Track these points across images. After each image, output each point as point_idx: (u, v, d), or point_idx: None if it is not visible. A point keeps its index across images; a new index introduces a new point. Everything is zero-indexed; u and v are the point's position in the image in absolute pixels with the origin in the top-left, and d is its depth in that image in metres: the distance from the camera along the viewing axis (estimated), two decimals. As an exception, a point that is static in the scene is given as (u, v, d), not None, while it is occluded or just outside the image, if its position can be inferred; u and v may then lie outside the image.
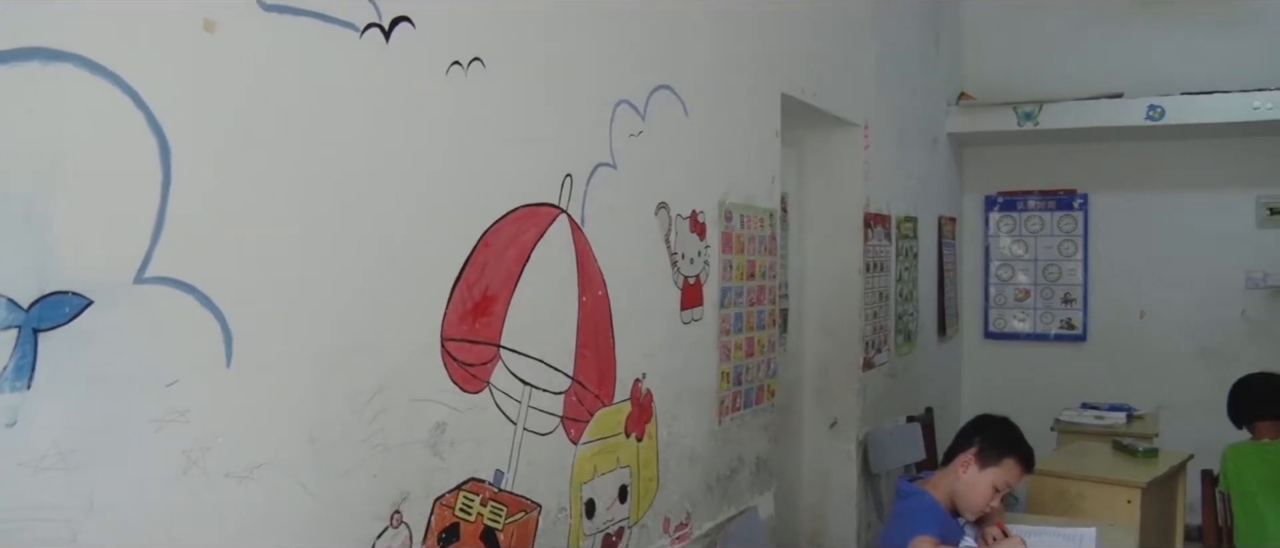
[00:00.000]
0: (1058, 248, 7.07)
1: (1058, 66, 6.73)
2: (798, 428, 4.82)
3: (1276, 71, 6.20)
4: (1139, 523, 4.17)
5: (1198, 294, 6.74)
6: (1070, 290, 7.06)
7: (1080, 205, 7.02)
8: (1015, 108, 6.40)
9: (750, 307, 3.63)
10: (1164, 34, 6.61)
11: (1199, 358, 6.71)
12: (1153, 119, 6.17)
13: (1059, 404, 6.08)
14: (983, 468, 3.16)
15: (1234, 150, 6.67)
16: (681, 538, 3.18)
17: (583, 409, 2.64)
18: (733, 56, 3.49)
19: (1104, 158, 6.94)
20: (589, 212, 2.62)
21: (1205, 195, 6.78)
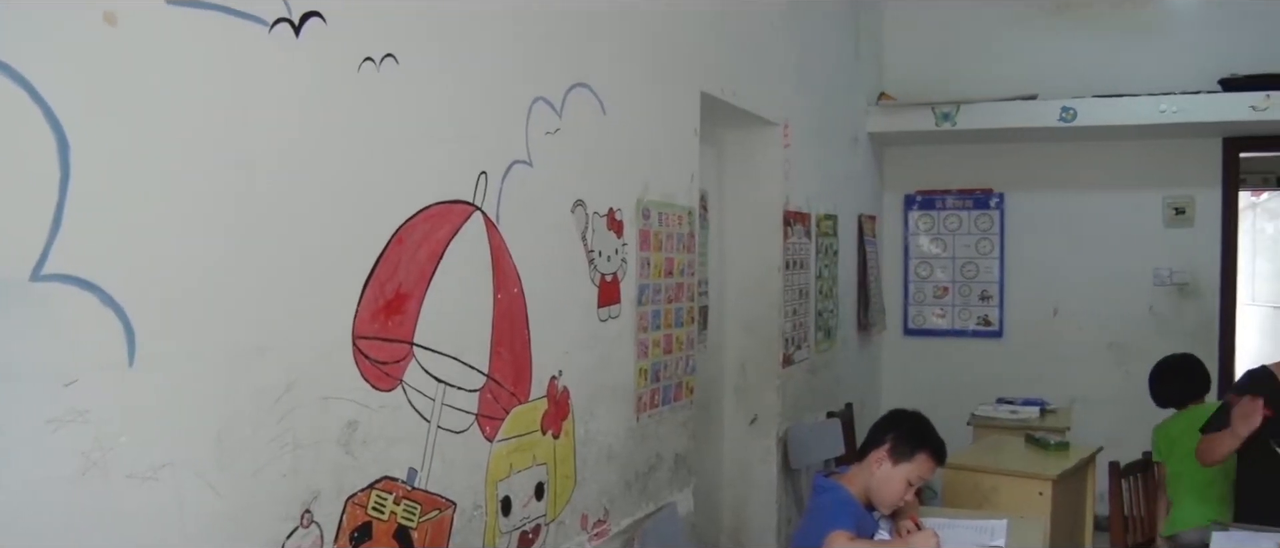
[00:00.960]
0: (975, 246, 7.20)
1: (975, 69, 6.86)
2: (718, 424, 4.86)
3: (1182, 76, 6.38)
4: (1050, 514, 4.28)
5: (1108, 291, 6.91)
6: (987, 288, 7.19)
7: (997, 204, 7.15)
8: (934, 108, 6.51)
9: (668, 304, 3.65)
10: (1077, 39, 6.78)
11: (1109, 353, 6.89)
12: (1066, 121, 6.31)
13: (976, 399, 6.19)
14: (896, 463, 3.20)
15: (1142, 152, 6.85)
16: (600, 535, 3.19)
17: (498, 407, 2.63)
18: (651, 55, 3.50)
19: (1020, 158, 7.08)
20: (504, 209, 2.62)
21: (1115, 195, 6.95)
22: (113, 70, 1.62)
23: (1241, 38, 6.47)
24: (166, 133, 1.71)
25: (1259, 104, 6.00)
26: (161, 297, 1.71)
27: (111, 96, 1.62)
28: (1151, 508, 4.66)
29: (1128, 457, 4.71)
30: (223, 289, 1.82)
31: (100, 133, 1.60)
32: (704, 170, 4.32)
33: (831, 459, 5.18)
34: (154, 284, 1.69)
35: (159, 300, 1.70)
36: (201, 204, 1.78)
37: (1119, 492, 4.48)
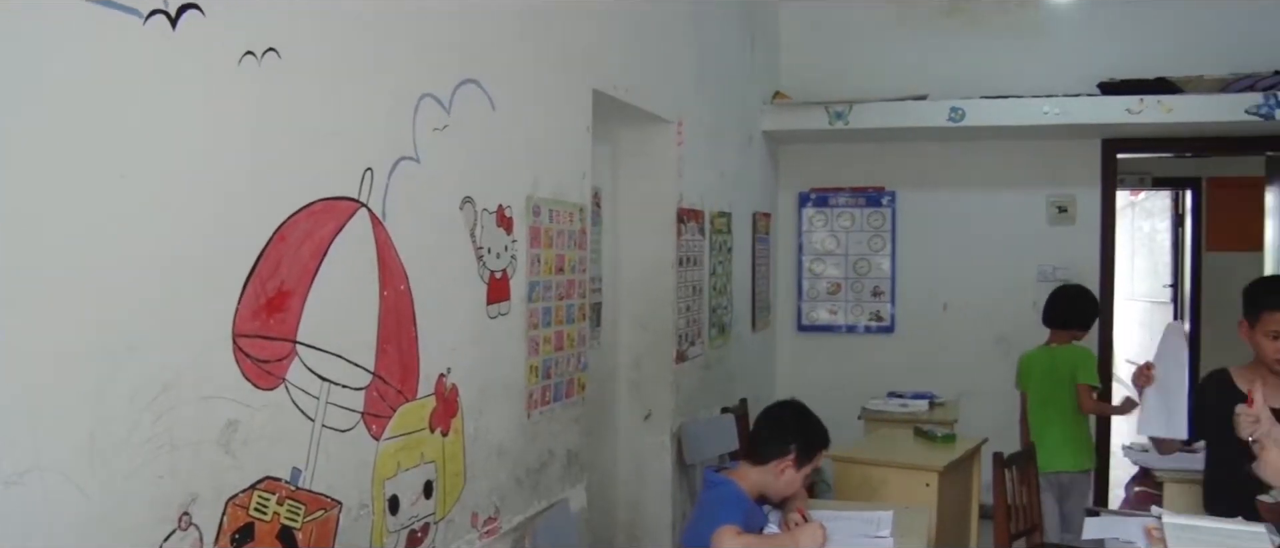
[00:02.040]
0: (867, 243, 7.33)
1: (868, 69, 6.99)
2: (612, 421, 4.88)
3: (1064, 79, 6.59)
4: (936, 504, 4.38)
5: (995, 287, 7.09)
6: (879, 284, 7.33)
7: (888, 202, 7.29)
8: (827, 107, 6.61)
9: (559, 301, 3.65)
10: (966, 41, 6.95)
11: (996, 347, 7.06)
12: (954, 121, 6.47)
13: (868, 393, 6.31)
14: (799, 468, 3.28)
15: (1027, 152, 7.05)
16: (490, 532, 3.19)
17: (385, 405, 2.61)
18: (542, 52, 3.50)
19: (911, 157, 7.23)
20: (391, 206, 2.60)
21: (1002, 194, 7.14)
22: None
23: (1119, 43, 6.70)
24: (31, 126, 1.67)
25: (1134, 107, 6.22)
26: (29, 295, 1.66)
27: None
28: (1033, 496, 4.80)
29: (1013, 447, 4.84)
30: (91, 287, 1.78)
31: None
32: (597, 167, 4.33)
33: (726, 454, 5.23)
34: (16, 281, 1.64)
35: (26, 299, 1.65)
36: (68, 199, 1.73)
37: (1003, 482, 4.59)
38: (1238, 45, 6.47)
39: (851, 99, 6.59)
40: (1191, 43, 6.58)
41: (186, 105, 1.97)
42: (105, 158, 1.80)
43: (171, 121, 1.94)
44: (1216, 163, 8.72)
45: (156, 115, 1.90)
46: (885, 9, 7.10)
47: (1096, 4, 6.79)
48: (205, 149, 2.02)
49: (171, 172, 1.94)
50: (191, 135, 1.98)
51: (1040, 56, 6.86)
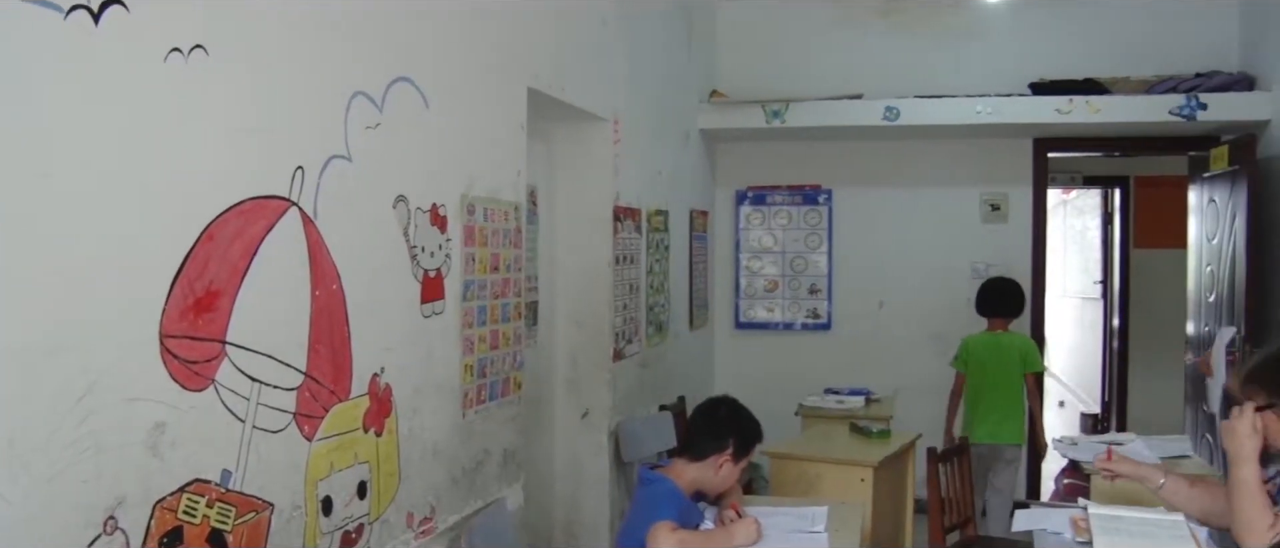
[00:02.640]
0: (804, 241, 7.38)
1: (804, 68, 7.05)
2: (549, 419, 4.87)
3: (997, 79, 6.70)
4: (871, 499, 4.43)
5: (930, 284, 7.19)
6: (816, 282, 7.38)
7: (825, 200, 7.35)
8: (763, 106, 6.65)
9: (495, 300, 3.64)
10: (901, 41, 7.03)
11: (930, 344, 7.15)
12: (889, 120, 6.54)
13: (805, 390, 6.35)
14: (738, 462, 3.30)
15: (961, 151, 7.15)
16: (426, 533, 3.17)
17: (317, 405, 2.59)
18: (476, 50, 3.49)
19: (847, 155, 7.29)
20: (322, 205, 2.58)
21: (936, 192, 7.23)
22: (-112, 58, 1.54)
23: (1049, 44, 6.82)
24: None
25: (1063, 107, 6.33)
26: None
27: (-113, 86, 1.54)
28: (967, 492, 4.87)
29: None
30: (12, 287, 1.75)
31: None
32: (533, 166, 4.33)
33: (664, 452, 5.24)
34: (-64, 283, 1.62)
35: (-58, 300, 1.62)
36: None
37: (937, 476, 4.66)
38: (1162, 48, 6.63)
39: (788, 98, 6.64)
40: (1119, 45, 6.72)
41: (110, 103, 1.94)
42: (26, 156, 1.77)
43: (95, 119, 1.91)
44: (1144, 162, 8.88)
45: (79, 113, 1.87)
46: (821, 9, 7.16)
47: (1027, 6, 6.90)
48: (130, 147, 1.99)
49: (95, 170, 1.91)
50: (115, 133, 1.95)
51: (973, 57, 6.96)
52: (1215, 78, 6.27)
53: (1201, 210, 6.60)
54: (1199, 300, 6.63)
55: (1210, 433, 6.21)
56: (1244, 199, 5.85)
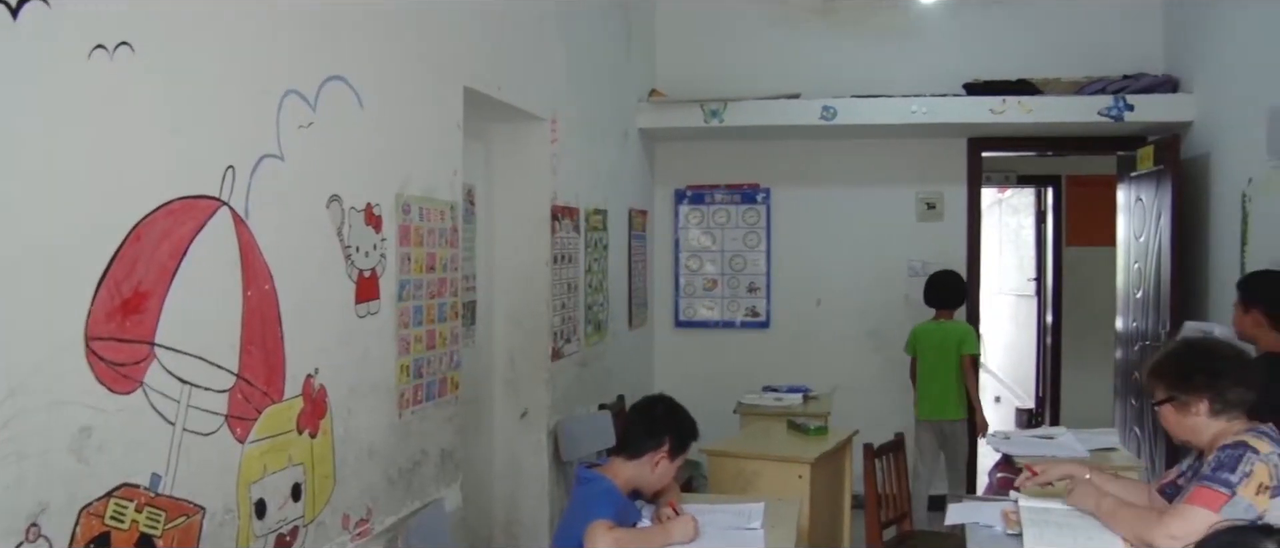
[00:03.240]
0: (743, 240, 7.42)
1: (743, 68, 7.09)
2: (488, 419, 4.86)
3: (932, 80, 6.78)
4: (809, 495, 4.47)
5: (867, 282, 7.26)
6: (755, 280, 7.43)
7: (763, 199, 7.39)
8: (702, 105, 6.68)
9: (431, 299, 3.62)
10: (838, 41, 7.10)
11: (867, 341, 7.24)
12: (826, 119, 6.60)
13: (744, 388, 6.38)
14: (673, 459, 3.32)
15: (897, 150, 7.23)
16: (362, 534, 3.15)
17: (250, 407, 2.56)
18: (412, 48, 3.47)
19: (785, 154, 7.34)
20: (254, 204, 2.55)
21: (873, 191, 7.30)
22: None
23: (983, 45, 6.92)
24: None
25: (997, 107, 6.43)
26: None
27: None
28: (903, 485, 4.93)
29: (883, 438, 4.95)
30: (-68, 290, 1.71)
31: None
32: (471, 165, 4.31)
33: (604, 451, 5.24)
34: None
35: None
36: (-94, 199, 1.67)
37: (873, 472, 4.70)
38: (1091, 50, 6.75)
39: (726, 97, 6.67)
40: (1050, 46, 6.83)
41: (30, 100, 1.91)
42: (-57, 155, 1.73)
43: (15, 118, 1.87)
44: (1075, 161, 9.03)
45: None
46: (760, 9, 7.20)
47: (962, 7, 6.99)
48: (53, 146, 1.95)
49: (15, 169, 1.87)
50: (37, 132, 1.92)
51: (909, 57, 7.04)
52: (1141, 79, 6.40)
53: (1129, 209, 6.73)
54: (1128, 297, 6.76)
55: (1138, 427, 6.34)
56: (1169, 198, 5.98)
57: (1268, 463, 2.72)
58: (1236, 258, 5.41)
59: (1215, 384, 2.90)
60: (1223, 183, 5.69)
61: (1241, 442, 2.78)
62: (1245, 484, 2.70)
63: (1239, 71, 5.55)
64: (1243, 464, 2.72)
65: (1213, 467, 2.78)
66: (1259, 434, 2.81)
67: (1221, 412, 2.90)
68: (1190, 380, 2.93)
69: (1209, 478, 2.76)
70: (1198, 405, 2.91)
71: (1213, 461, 2.80)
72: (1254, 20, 5.38)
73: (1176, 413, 2.96)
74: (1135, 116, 6.27)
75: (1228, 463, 2.74)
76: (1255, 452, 2.73)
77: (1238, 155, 5.48)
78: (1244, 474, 2.71)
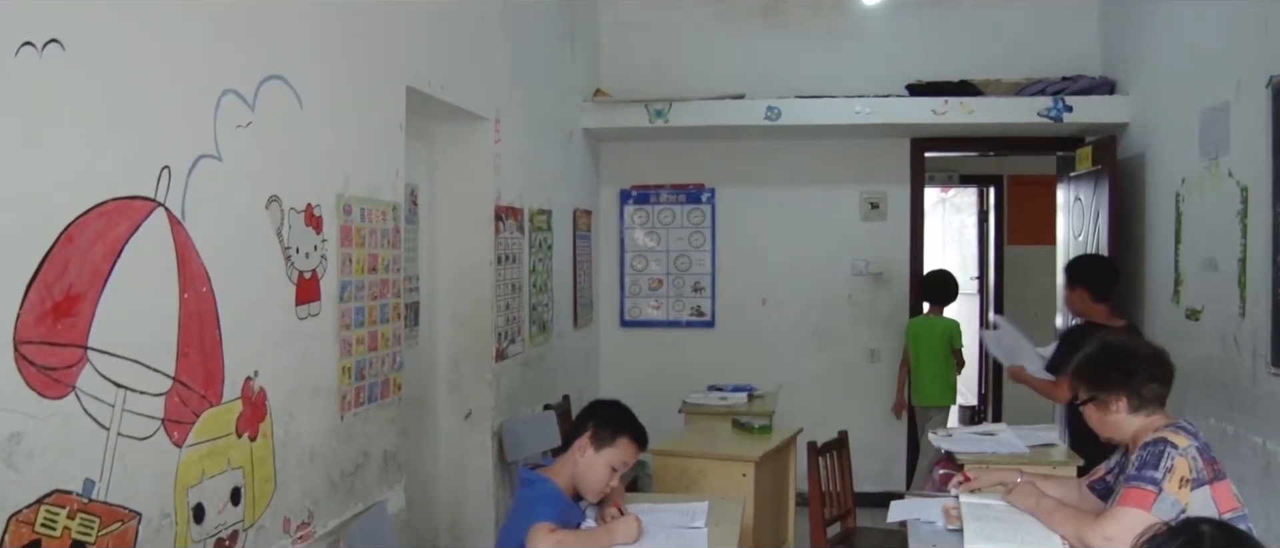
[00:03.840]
0: (688, 239, 7.44)
1: (687, 68, 7.12)
2: (432, 420, 4.83)
3: (875, 81, 6.84)
4: (753, 493, 4.49)
5: (811, 281, 7.32)
6: (700, 280, 7.45)
7: (708, 199, 7.42)
8: (647, 105, 6.69)
9: (373, 300, 3.60)
10: (782, 42, 7.13)
11: (812, 339, 7.29)
12: (771, 119, 6.63)
13: (689, 387, 6.39)
14: (598, 450, 3.26)
15: (841, 150, 7.28)
16: (304, 538, 3.12)
17: (187, 410, 2.53)
18: (353, 48, 3.44)
19: (729, 154, 7.38)
20: (190, 205, 2.51)
21: (817, 191, 7.35)
22: None
23: (925, 47, 7.00)
24: None
25: (939, 108, 6.50)
26: None
27: None
28: (846, 483, 4.96)
29: (828, 436, 4.98)
30: None
31: None
32: (413, 165, 4.29)
33: (549, 451, 5.23)
34: None
35: None
36: None
37: (818, 470, 4.73)
38: (1031, 51, 6.86)
39: (671, 97, 6.69)
40: (991, 48, 6.93)
41: (-42, 100, 1.87)
42: None
43: (-58, 117, 1.83)
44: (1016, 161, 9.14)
45: (-76, 110, 1.80)
46: (704, 10, 7.23)
47: (905, 8, 7.06)
48: (-20, 146, 1.92)
49: (-58, 170, 1.84)
50: (-35, 132, 1.88)
51: (852, 58, 7.10)
52: (1080, 81, 6.50)
53: (1068, 208, 6.83)
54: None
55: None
56: (1106, 197, 6.08)
57: (1186, 457, 2.80)
58: (1171, 256, 5.52)
59: (1129, 382, 3.00)
60: (1158, 182, 5.80)
61: (1161, 438, 2.86)
62: (1169, 480, 2.79)
63: (1172, 74, 5.66)
64: (1164, 461, 2.80)
65: (1137, 466, 2.86)
66: (1177, 429, 2.90)
67: (1140, 408, 3.00)
68: (1106, 380, 3.04)
69: (1136, 478, 2.83)
70: (1116, 404, 3.01)
71: (1136, 459, 2.88)
72: (1186, 24, 5.48)
73: (1098, 411, 3.07)
74: (1074, 117, 6.37)
75: (1150, 461, 2.83)
76: (1175, 447, 2.82)
77: (1172, 156, 5.58)
78: (1166, 470, 2.79)
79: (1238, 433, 4.63)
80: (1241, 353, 4.64)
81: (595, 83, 7.00)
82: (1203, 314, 5.12)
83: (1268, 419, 4.41)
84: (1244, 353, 4.62)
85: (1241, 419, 4.63)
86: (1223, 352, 4.82)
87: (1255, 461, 4.46)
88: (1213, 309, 5.00)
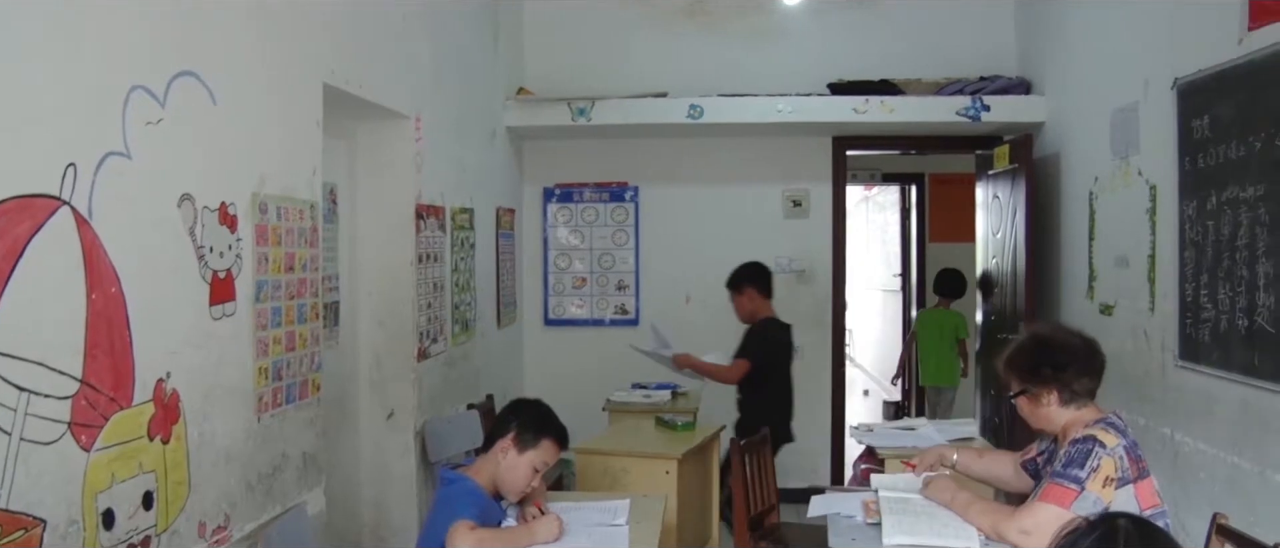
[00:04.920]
0: (612, 238, 7.45)
1: (611, 66, 7.13)
2: (354, 421, 4.78)
3: (798, 79, 6.90)
4: (676, 490, 4.50)
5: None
6: (624, 278, 7.45)
7: (632, 197, 7.43)
8: (570, 104, 6.68)
9: (290, 300, 3.55)
10: (705, 41, 7.18)
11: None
12: (693, 118, 6.65)
13: (613, 385, 6.39)
14: (521, 451, 3.25)
15: (763, 148, 7.34)
16: (220, 542, 3.07)
17: (96, 414, 2.47)
18: (268, 44, 3.39)
19: (653, 152, 7.39)
20: (98, 204, 2.46)
21: (741, 189, 7.39)
22: None
23: (847, 46, 7.08)
24: None
25: (860, 107, 6.57)
26: None
27: None
28: (769, 479, 4.99)
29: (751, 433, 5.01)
30: None
31: None
32: (333, 163, 4.24)
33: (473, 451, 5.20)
34: None
35: None
36: None
37: (742, 466, 4.76)
38: (950, 52, 6.97)
39: (594, 95, 6.69)
40: (911, 48, 7.03)
41: None
42: None
43: None
44: (937, 160, 9.30)
45: None
46: (628, 8, 7.24)
47: (827, 9, 7.14)
48: (-126, 143, 1.86)
49: None
50: None
51: (775, 58, 7.16)
52: (997, 81, 6.62)
53: (987, 206, 6.96)
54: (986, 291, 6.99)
55: (997, 417, 6.55)
56: (1023, 195, 6.20)
57: (1114, 457, 2.83)
58: (1085, 252, 5.64)
59: (1061, 376, 3.02)
60: (1072, 181, 5.92)
61: (1091, 436, 2.89)
62: (1093, 479, 2.82)
63: (1085, 75, 5.78)
64: (1090, 460, 2.83)
65: (1064, 463, 2.89)
66: (1107, 427, 2.93)
67: (1070, 401, 3.02)
68: (1038, 373, 3.05)
69: (1060, 475, 2.86)
70: (1047, 397, 3.03)
71: (1064, 456, 2.91)
72: (1097, 26, 5.61)
73: (1030, 404, 3.08)
74: (991, 117, 6.48)
75: (1077, 459, 2.86)
76: (1103, 446, 2.85)
77: (1085, 155, 5.71)
78: (1092, 470, 2.82)
79: (1148, 425, 4.75)
80: (1151, 347, 4.76)
81: (519, 81, 6.98)
82: (1115, 309, 5.24)
83: (1175, 411, 4.53)
84: (1153, 347, 4.73)
85: (1151, 411, 4.75)
86: (1134, 346, 4.94)
87: (1164, 451, 4.58)
88: (1124, 304, 5.12)
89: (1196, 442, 4.35)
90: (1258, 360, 3.86)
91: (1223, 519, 3.11)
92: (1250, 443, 3.94)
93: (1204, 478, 4.28)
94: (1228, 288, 4.08)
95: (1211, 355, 4.20)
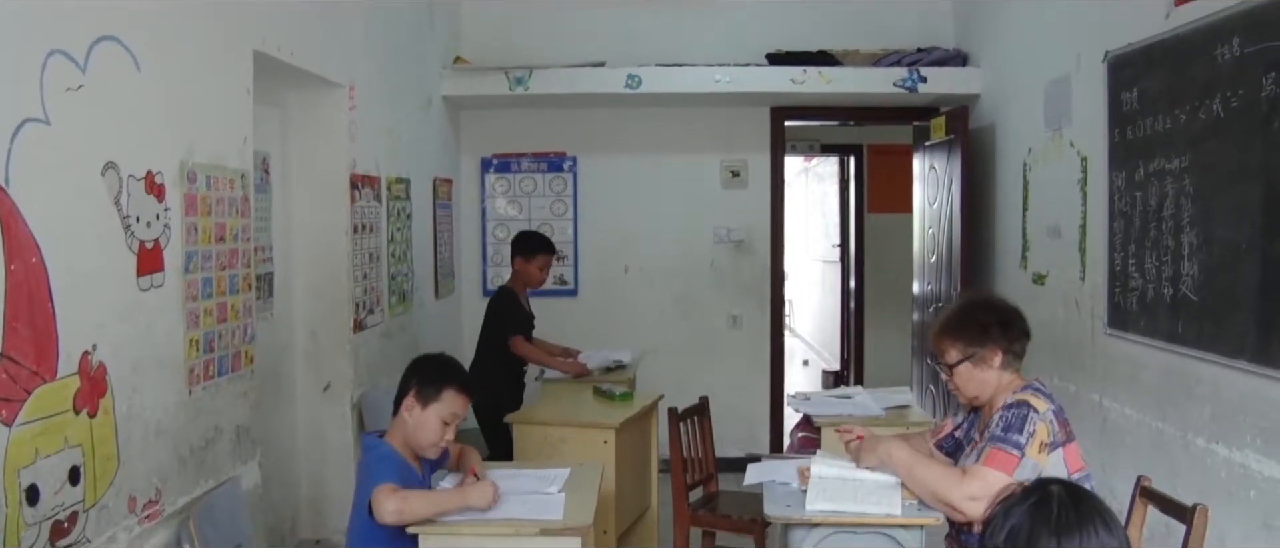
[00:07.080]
0: (550, 208, 7.41)
1: (549, 36, 7.05)
2: (290, 393, 4.74)
3: (736, 50, 6.89)
4: (614, 459, 4.50)
5: (674, 249, 7.35)
6: (562, 248, 7.39)
7: (570, 167, 7.39)
8: (507, 73, 6.62)
9: (221, 271, 3.50)
10: (643, 10, 7.13)
11: (675, 307, 7.34)
12: (631, 88, 6.62)
13: (551, 356, 6.37)
14: (425, 406, 3.22)
15: (702, 118, 7.32)
16: (151, 516, 3.03)
17: (17, 388, 2.42)
18: (195, 9, 3.32)
19: (591, 122, 7.34)
20: (16, 172, 2.40)
21: (679, 159, 7.38)
22: None
23: (784, 17, 7.07)
24: None
25: (798, 77, 6.58)
26: None
27: None
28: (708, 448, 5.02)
29: (689, 402, 5.02)
30: None
31: None
32: (264, 132, 4.18)
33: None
34: None
35: None
36: None
37: (678, 436, 4.77)
38: (888, 23, 6.99)
39: (532, 65, 6.63)
40: (849, 18, 7.03)
41: None
42: None
43: None
44: (876, 131, 9.35)
45: None
46: (565, -24, 7.18)
47: (765, -23, 7.12)
48: None
49: None
50: None
51: (713, 28, 7.14)
52: (934, 53, 6.66)
53: (924, 177, 7.01)
54: (923, 261, 7.06)
55: (933, 385, 6.63)
56: (959, 166, 6.25)
57: (1046, 421, 2.88)
58: (1019, 222, 5.71)
59: (1007, 334, 3.05)
60: (1007, 152, 5.98)
61: (1023, 401, 2.92)
62: (1031, 444, 2.86)
63: (1019, 47, 5.84)
64: (1027, 425, 2.87)
65: (1002, 427, 2.90)
66: (1035, 392, 2.97)
67: (1008, 365, 3.05)
68: (987, 333, 3.04)
69: (1001, 440, 2.88)
70: (992, 358, 3.04)
71: (1000, 421, 2.93)
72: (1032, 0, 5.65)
73: (974, 368, 3.06)
74: (928, 88, 6.51)
75: (1015, 424, 2.88)
76: (1036, 411, 2.89)
77: (1019, 126, 5.77)
78: (1029, 435, 2.86)
79: (1079, 392, 4.83)
80: (1081, 315, 4.84)
81: (455, 50, 6.90)
82: (1047, 279, 5.32)
83: (1104, 378, 4.61)
84: (1084, 315, 4.81)
85: (1081, 378, 4.83)
86: (1065, 314, 5.02)
87: (1094, 417, 4.66)
88: (1056, 274, 5.20)
89: (1123, 407, 4.43)
90: (1181, 328, 3.93)
91: (1146, 482, 3.17)
92: (1173, 408, 4.02)
93: (1130, 442, 4.37)
94: (1154, 257, 4.15)
95: (1138, 323, 4.28)
